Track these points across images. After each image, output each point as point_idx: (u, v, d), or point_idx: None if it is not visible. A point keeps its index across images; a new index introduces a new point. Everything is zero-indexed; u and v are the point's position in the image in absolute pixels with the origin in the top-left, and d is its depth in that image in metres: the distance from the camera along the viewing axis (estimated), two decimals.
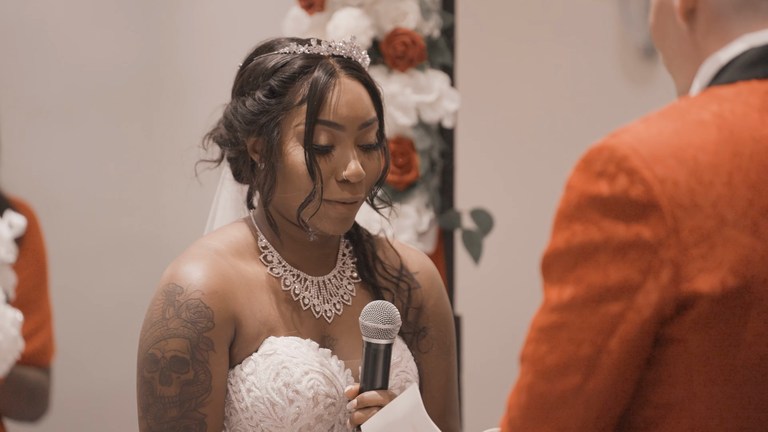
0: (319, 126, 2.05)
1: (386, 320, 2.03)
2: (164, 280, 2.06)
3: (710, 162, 1.39)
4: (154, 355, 2.02)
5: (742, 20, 1.48)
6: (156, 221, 4.22)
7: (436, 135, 3.40)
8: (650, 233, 1.38)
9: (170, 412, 2.01)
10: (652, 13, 1.55)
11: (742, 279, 1.38)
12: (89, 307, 4.17)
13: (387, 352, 2.03)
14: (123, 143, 4.22)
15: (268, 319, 2.08)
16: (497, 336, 4.32)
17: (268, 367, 2.04)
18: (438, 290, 2.22)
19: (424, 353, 2.18)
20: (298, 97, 2.06)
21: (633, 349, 1.40)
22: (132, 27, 4.22)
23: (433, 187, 3.39)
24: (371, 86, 2.10)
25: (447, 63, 3.41)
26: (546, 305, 1.44)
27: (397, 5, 3.34)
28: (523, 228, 4.32)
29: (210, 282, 2.04)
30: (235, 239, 2.12)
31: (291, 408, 2.03)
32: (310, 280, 2.13)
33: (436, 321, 2.20)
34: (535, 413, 1.44)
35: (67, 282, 4.04)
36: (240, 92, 2.12)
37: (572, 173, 1.44)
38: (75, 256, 4.14)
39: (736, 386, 1.40)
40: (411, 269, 2.21)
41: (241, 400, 2.05)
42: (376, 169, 2.09)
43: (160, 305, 2.04)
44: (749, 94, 1.43)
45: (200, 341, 2.02)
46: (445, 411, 2.20)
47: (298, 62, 2.08)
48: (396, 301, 2.16)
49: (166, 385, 2.01)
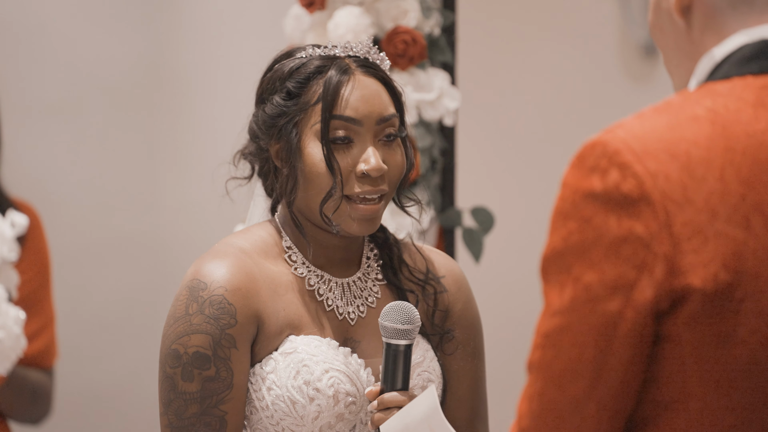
0: (335, 122, 2.05)
1: (405, 321, 2.02)
2: (188, 276, 2.06)
3: (703, 157, 1.39)
4: (177, 351, 2.02)
5: (738, 16, 1.48)
6: (157, 220, 4.23)
7: (437, 133, 3.40)
8: (642, 228, 1.38)
9: (191, 408, 2.01)
10: (651, 11, 1.55)
11: (734, 273, 1.38)
12: (91, 306, 4.17)
13: (407, 353, 2.02)
14: (125, 142, 4.22)
15: (292, 318, 2.08)
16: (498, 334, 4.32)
17: (288, 365, 2.04)
18: (465, 294, 2.21)
19: (449, 355, 2.16)
20: (314, 97, 2.07)
21: (636, 346, 1.40)
22: (134, 25, 4.22)
23: (433, 185, 3.40)
24: (389, 84, 2.09)
25: (447, 61, 3.41)
26: (548, 309, 1.43)
27: (397, 3, 3.34)
28: (524, 226, 4.31)
29: (234, 279, 2.04)
30: (260, 238, 2.12)
31: (311, 406, 2.03)
32: (335, 281, 2.13)
33: (463, 325, 2.19)
34: (549, 420, 1.43)
35: (68, 281, 4.05)
36: (261, 100, 2.13)
37: (567, 170, 1.44)
38: (76, 255, 4.14)
39: (730, 384, 1.40)
40: (438, 273, 2.20)
41: (261, 398, 2.05)
42: (399, 164, 2.08)
43: (183, 301, 2.04)
44: (743, 89, 1.43)
45: (222, 338, 2.02)
46: (473, 415, 2.19)
47: (314, 63, 2.08)
48: (421, 304, 2.16)
49: (188, 381, 2.01)
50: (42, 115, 4.17)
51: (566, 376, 1.41)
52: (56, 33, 4.17)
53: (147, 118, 4.24)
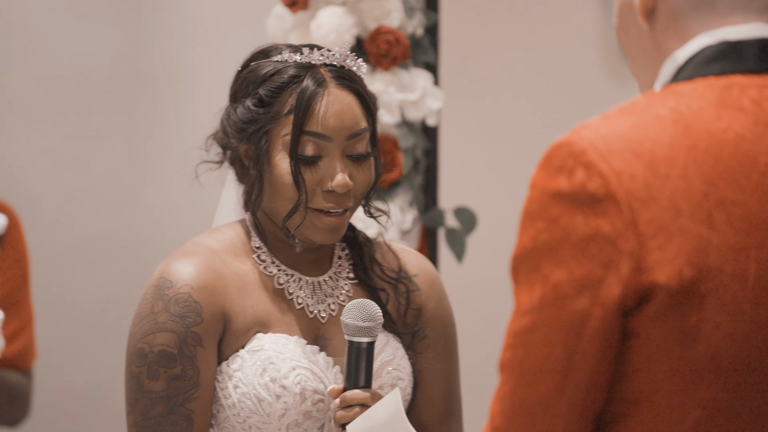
0: (305, 137, 2.06)
1: (367, 318, 2.03)
2: (155, 275, 2.07)
3: (666, 155, 1.41)
4: (142, 350, 2.03)
5: (700, 19, 1.50)
6: (137, 220, 4.22)
7: (420, 133, 3.41)
8: (609, 226, 1.40)
9: (157, 407, 2.02)
10: (616, 13, 1.57)
11: (698, 269, 1.39)
12: (70, 306, 4.17)
13: (369, 350, 2.03)
14: (104, 141, 4.22)
15: (260, 316, 2.08)
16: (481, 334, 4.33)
17: (254, 362, 2.05)
18: (438, 293, 2.21)
19: (420, 354, 2.17)
20: (286, 107, 2.07)
21: (604, 343, 1.42)
22: (114, 23, 4.22)
23: (416, 185, 3.41)
24: (363, 96, 2.09)
25: (431, 61, 3.42)
26: (518, 309, 1.45)
27: (380, 3, 3.36)
28: (507, 226, 4.31)
29: (200, 277, 2.05)
30: (229, 238, 2.13)
31: (278, 403, 2.04)
32: (305, 280, 2.13)
33: (435, 324, 2.19)
34: (520, 419, 1.44)
35: (47, 282, 4.04)
36: (234, 98, 2.13)
37: (535, 172, 1.45)
38: (55, 256, 4.14)
39: (695, 379, 1.42)
40: (410, 272, 2.20)
41: (228, 396, 2.05)
42: (365, 179, 2.09)
43: (149, 299, 2.05)
44: (706, 89, 1.45)
45: (188, 336, 2.02)
46: (447, 414, 2.19)
47: (288, 71, 2.08)
48: (393, 302, 2.16)
49: (154, 380, 2.02)
50: (21, 115, 4.17)
51: (536, 374, 1.43)
52: (35, 33, 4.17)
53: (127, 118, 4.24)
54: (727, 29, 1.48)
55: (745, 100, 1.44)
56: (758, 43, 1.47)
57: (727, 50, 1.47)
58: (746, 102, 1.43)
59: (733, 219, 1.40)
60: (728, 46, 1.47)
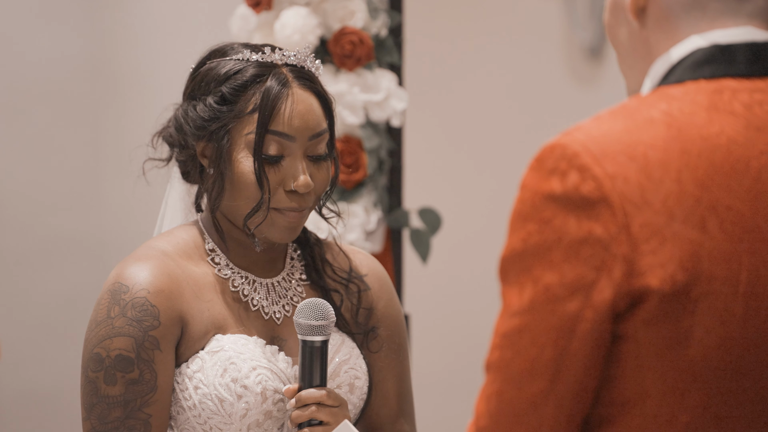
0: (269, 136, 2.06)
1: (319, 317, 2.03)
2: (110, 280, 2.06)
3: (660, 159, 1.41)
4: (99, 355, 2.01)
5: (691, 20, 1.50)
6: (100, 220, 4.20)
7: (384, 134, 3.41)
8: (602, 229, 1.39)
9: (114, 412, 2.01)
10: (606, 11, 1.57)
11: (691, 274, 1.39)
12: (32, 306, 4.14)
13: (323, 349, 2.04)
14: (66, 141, 4.19)
15: (216, 319, 2.08)
16: (445, 334, 4.34)
17: (215, 363, 2.04)
18: (388, 292, 2.23)
19: (374, 353, 2.19)
20: (249, 106, 2.06)
21: (594, 346, 1.41)
22: (76, 23, 4.19)
23: (381, 186, 3.40)
24: (323, 97, 2.11)
25: (395, 62, 3.42)
26: (507, 309, 1.44)
27: (344, 4, 3.35)
28: (471, 227, 4.33)
29: (156, 281, 2.04)
30: (183, 241, 2.12)
31: (239, 404, 2.03)
32: (259, 281, 2.14)
33: (386, 322, 2.21)
34: (506, 420, 1.44)
35: (9, 281, 4.01)
36: (191, 96, 2.12)
37: (526, 173, 1.45)
38: (18, 255, 4.11)
39: (685, 383, 1.42)
40: (360, 272, 2.22)
41: (188, 398, 2.05)
42: (324, 180, 2.10)
43: (105, 304, 2.04)
44: (697, 93, 1.45)
45: (145, 340, 2.01)
46: (399, 412, 2.21)
47: (250, 70, 2.08)
48: (345, 302, 2.18)
49: (111, 385, 2.01)
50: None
51: (525, 376, 1.42)
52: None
53: (90, 118, 4.21)
54: (717, 32, 1.48)
55: (737, 104, 1.44)
56: (748, 47, 1.47)
57: (718, 54, 1.47)
58: (737, 106, 1.44)
59: (726, 224, 1.40)
60: (719, 49, 1.47)
